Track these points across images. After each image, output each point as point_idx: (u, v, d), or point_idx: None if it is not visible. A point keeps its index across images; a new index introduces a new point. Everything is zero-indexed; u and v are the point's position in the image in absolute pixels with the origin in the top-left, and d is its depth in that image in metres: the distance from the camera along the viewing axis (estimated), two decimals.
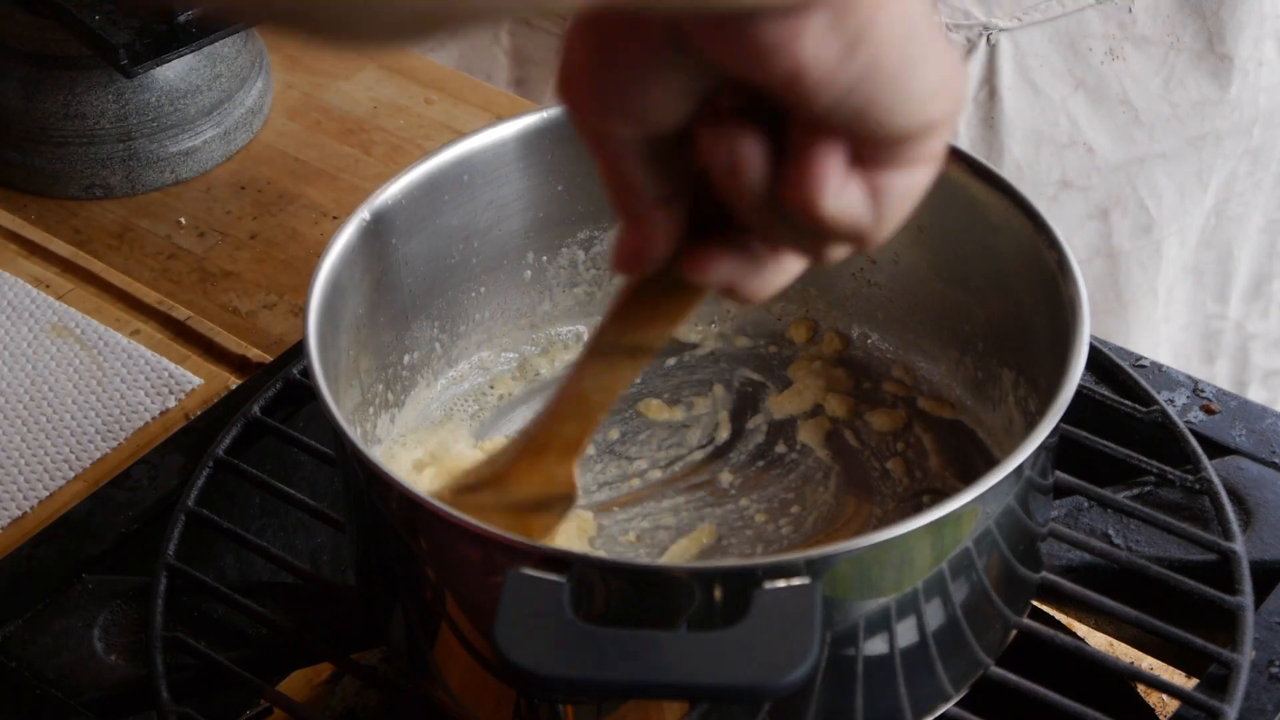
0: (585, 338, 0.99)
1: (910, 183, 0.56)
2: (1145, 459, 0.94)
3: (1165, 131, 1.38)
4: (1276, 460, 0.96)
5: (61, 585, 0.90)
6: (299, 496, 0.92)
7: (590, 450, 0.96)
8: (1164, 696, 0.87)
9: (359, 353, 0.89)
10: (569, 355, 0.99)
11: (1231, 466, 0.96)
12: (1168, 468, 0.94)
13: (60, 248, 1.15)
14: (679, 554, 0.90)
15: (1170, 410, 0.97)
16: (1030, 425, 0.77)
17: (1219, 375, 1.53)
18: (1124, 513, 0.92)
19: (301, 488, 0.94)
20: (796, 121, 0.53)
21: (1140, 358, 1.02)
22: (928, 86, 0.53)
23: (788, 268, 0.59)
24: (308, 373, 0.80)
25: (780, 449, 0.96)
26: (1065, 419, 0.78)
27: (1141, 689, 0.91)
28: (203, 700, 0.86)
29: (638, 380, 0.97)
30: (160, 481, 0.96)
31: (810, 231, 0.56)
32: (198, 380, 1.05)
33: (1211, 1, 1.37)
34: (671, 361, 1.01)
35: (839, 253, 0.58)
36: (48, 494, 0.99)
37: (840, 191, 0.54)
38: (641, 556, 0.90)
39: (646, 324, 0.66)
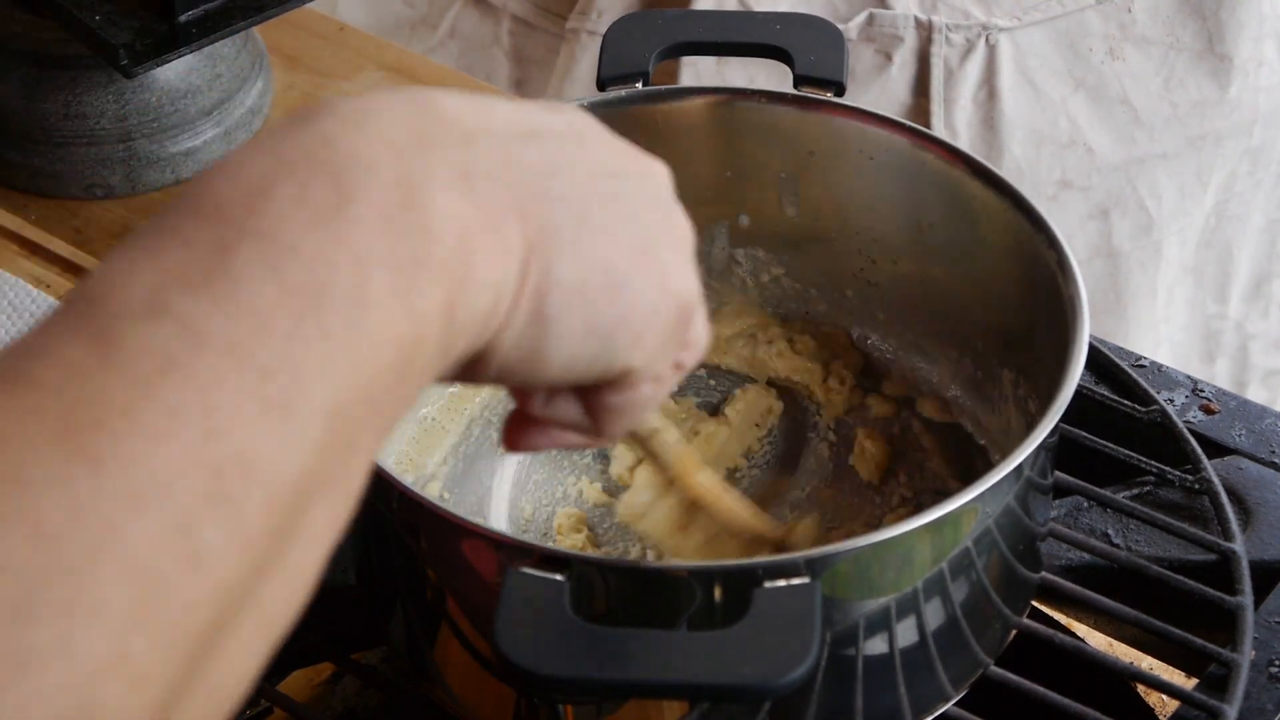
0: None
1: (622, 400, 0.60)
2: (1145, 459, 0.94)
3: (1165, 131, 1.38)
4: (1276, 460, 0.96)
5: None
6: None
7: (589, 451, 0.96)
8: (1164, 696, 0.87)
9: None
10: None
11: (1231, 466, 0.96)
12: (1167, 468, 0.94)
13: (60, 248, 1.15)
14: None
15: (1170, 410, 0.97)
16: (1030, 425, 0.77)
17: (1219, 375, 1.53)
18: (1124, 513, 0.92)
19: None
20: None
21: (1140, 358, 1.02)
22: (614, 350, 0.56)
23: (572, 438, 0.63)
24: None
25: (780, 449, 0.96)
26: (1065, 419, 0.78)
27: (1141, 689, 0.91)
28: None
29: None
30: None
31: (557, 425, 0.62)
32: None
33: (1211, 1, 1.37)
34: None
35: (579, 438, 0.63)
36: None
37: (544, 404, 0.60)
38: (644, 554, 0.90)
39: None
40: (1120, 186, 1.39)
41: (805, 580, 0.68)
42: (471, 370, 0.54)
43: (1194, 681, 0.87)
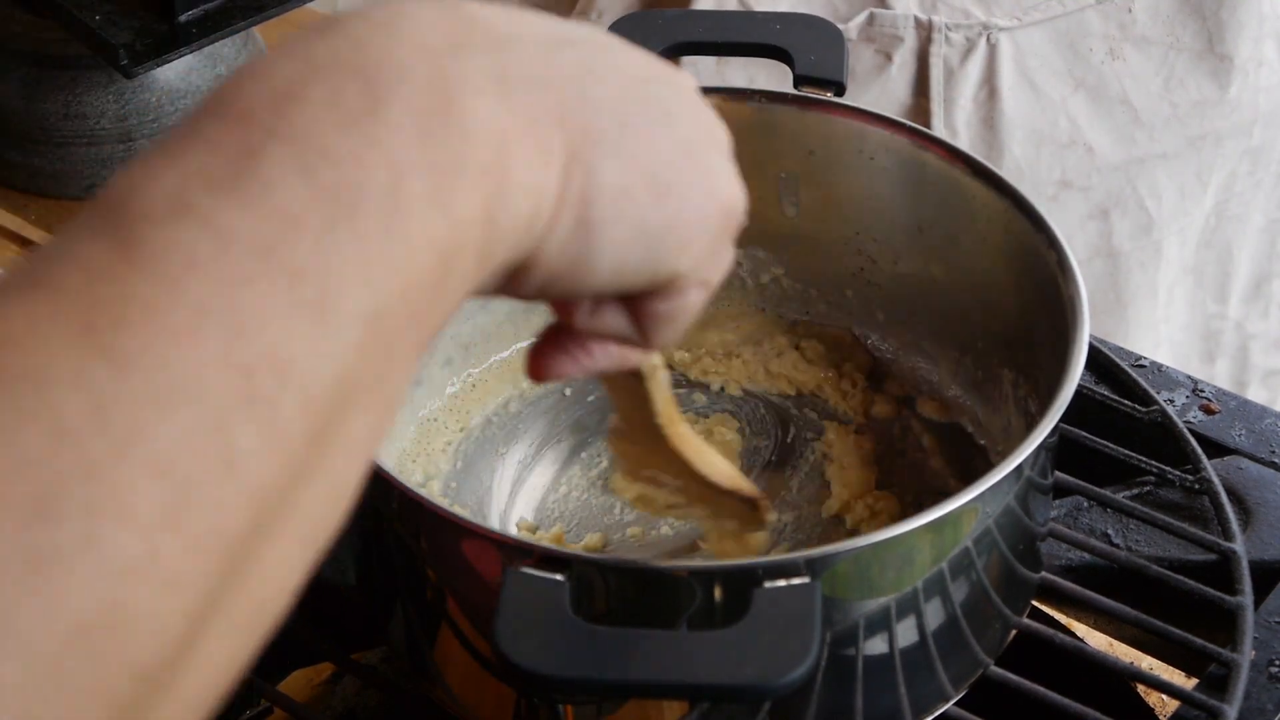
0: None
1: (670, 307, 0.59)
2: (1145, 459, 0.94)
3: (1165, 131, 1.38)
4: (1276, 460, 0.96)
5: None
6: None
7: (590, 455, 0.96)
8: (1164, 696, 0.87)
9: None
10: None
11: (1231, 466, 0.96)
12: (1167, 468, 0.94)
13: None
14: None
15: (1170, 410, 0.97)
16: (1030, 426, 0.77)
17: (1219, 375, 1.53)
18: (1124, 512, 0.92)
19: None
20: None
21: (1140, 358, 1.02)
22: (662, 255, 0.55)
23: (621, 353, 0.62)
24: None
25: (780, 449, 0.96)
26: (1065, 419, 0.78)
27: (1141, 689, 0.91)
28: None
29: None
30: None
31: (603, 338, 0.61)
32: None
33: (1211, 1, 1.37)
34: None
35: (617, 354, 0.62)
36: None
37: (592, 314, 0.59)
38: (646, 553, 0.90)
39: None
40: (1120, 186, 1.39)
41: (805, 580, 0.68)
42: (516, 280, 0.52)
43: (1194, 681, 0.87)
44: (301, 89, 0.46)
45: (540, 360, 0.61)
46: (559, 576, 0.68)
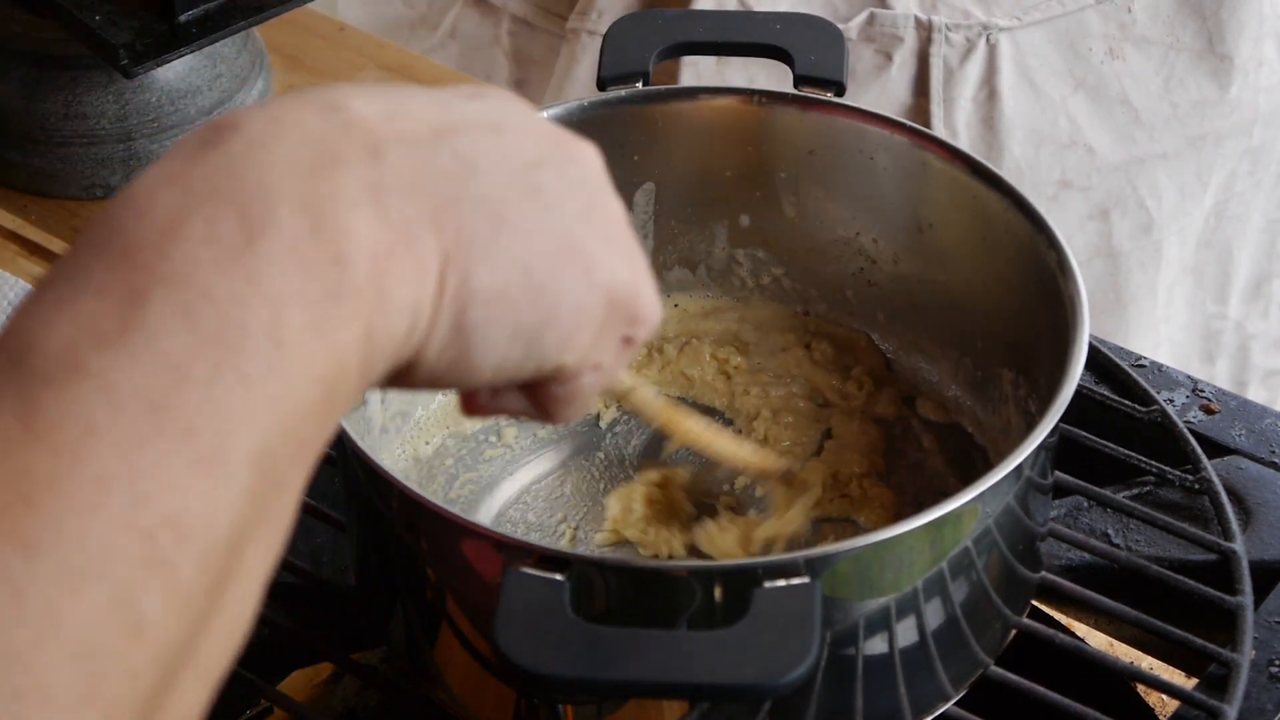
0: None
1: (567, 390, 0.59)
2: (1145, 459, 0.94)
3: (1165, 131, 1.38)
4: (1276, 460, 0.96)
5: None
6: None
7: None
8: (1164, 696, 0.87)
9: None
10: None
11: (1231, 466, 0.96)
12: (1167, 468, 0.94)
13: (60, 248, 1.15)
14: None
15: (1170, 410, 0.97)
16: (1030, 426, 0.77)
17: (1219, 375, 1.53)
18: (1124, 512, 0.92)
19: None
20: None
21: (1140, 358, 1.02)
22: (543, 351, 0.56)
23: (551, 408, 0.62)
24: None
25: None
26: (1065, 419, 0.78)
27: (1141, 689, 0.90)
28: None
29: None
30: None
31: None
32: None
33: (1211, 1, 1.37)
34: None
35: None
36: None
37: (490, 398, 0.60)
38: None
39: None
40: (1120, 186, 1.39)
41: (805, 580, 0.68)
42: (400, 380, 0.53)
43: (1194, 681, 0.87)
44: (179, 223, 0.46)
45: (467, 400, 0.62)
46: (559, 576, 0.69)
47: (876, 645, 0.76)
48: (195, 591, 0.43)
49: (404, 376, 0.53)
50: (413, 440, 0.95)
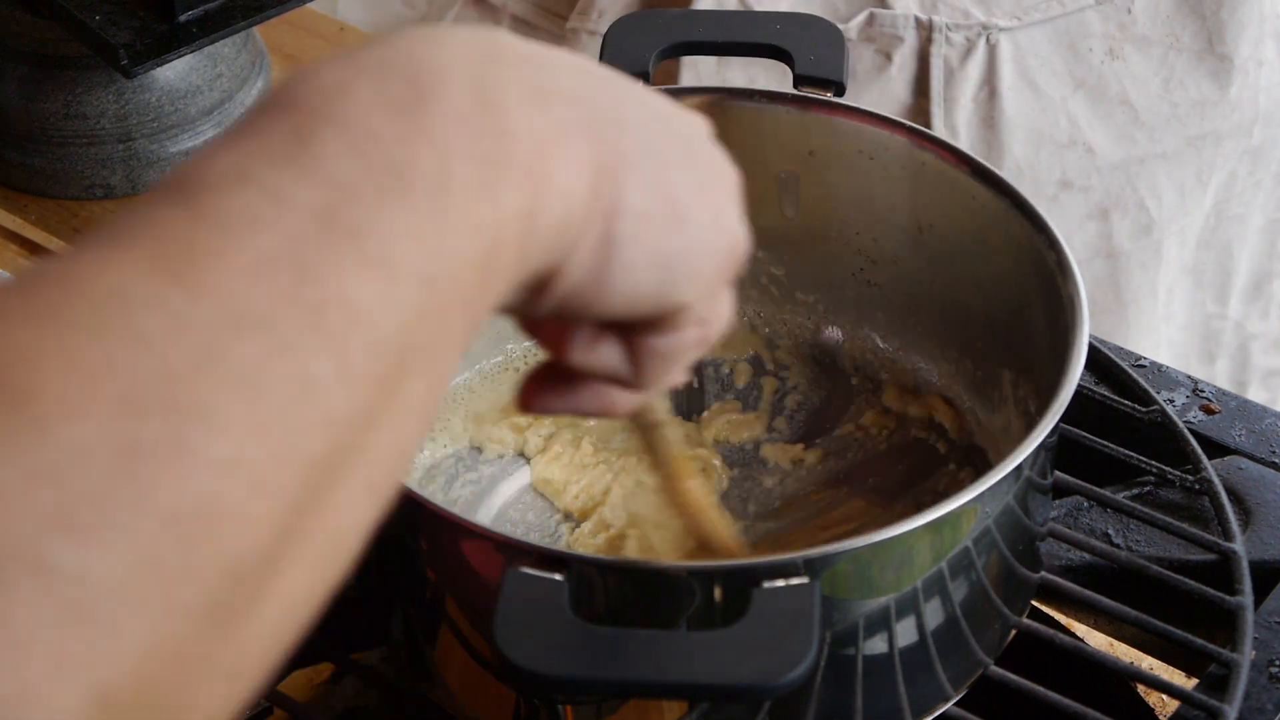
0: None
1: (667, 343, 0.60)
2: (1145, 459, 0.94)
3: (1165, 131, 1.38)
4: (1276, 460, 0.96)
5: None
6: None
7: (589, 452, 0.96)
8: (1164, 696, 0.87)
9: None
10: None
11: (1231, 466, 0.96)
12: (1167, 468, 0.94)
13: (60, 248, 1.15)
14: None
15: (1170, 410, 0.97)
16: (1030, 426, 0.77)
17: (1219, 375, 1.53)
18: (1124, 513, 0.92)
19: None
20: None
21: (1140, 358, 1.02)
22: (672, 283, 0.56)
23: (610, 396, 0.63)
24: None
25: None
26: (1065, 419, 0.78)
27: (1141, 689, 0.91)
28: None
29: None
30: None
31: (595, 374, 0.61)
32: None
33: (1211, 1, 1.37)
34: None
35: (626, 392, 0.62)
36: None
37: (588, 347, 0.60)
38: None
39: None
40: (1120, 186, 1.39)
41: (804, 580, 0.68)
42: (540, 293, 0.53)
43: (1194, 681, 0.87)
44: (350, 85, 0.47)
45: (530, 392, 0.62)
46: (558, 576, 0.69)
47: (876, 645, 0.76)
48: (363, 378, 0.43)
49: (545, 288, 0.53)
50: None
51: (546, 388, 0.62)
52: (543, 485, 0.94)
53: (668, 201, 0.55)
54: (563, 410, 0.62)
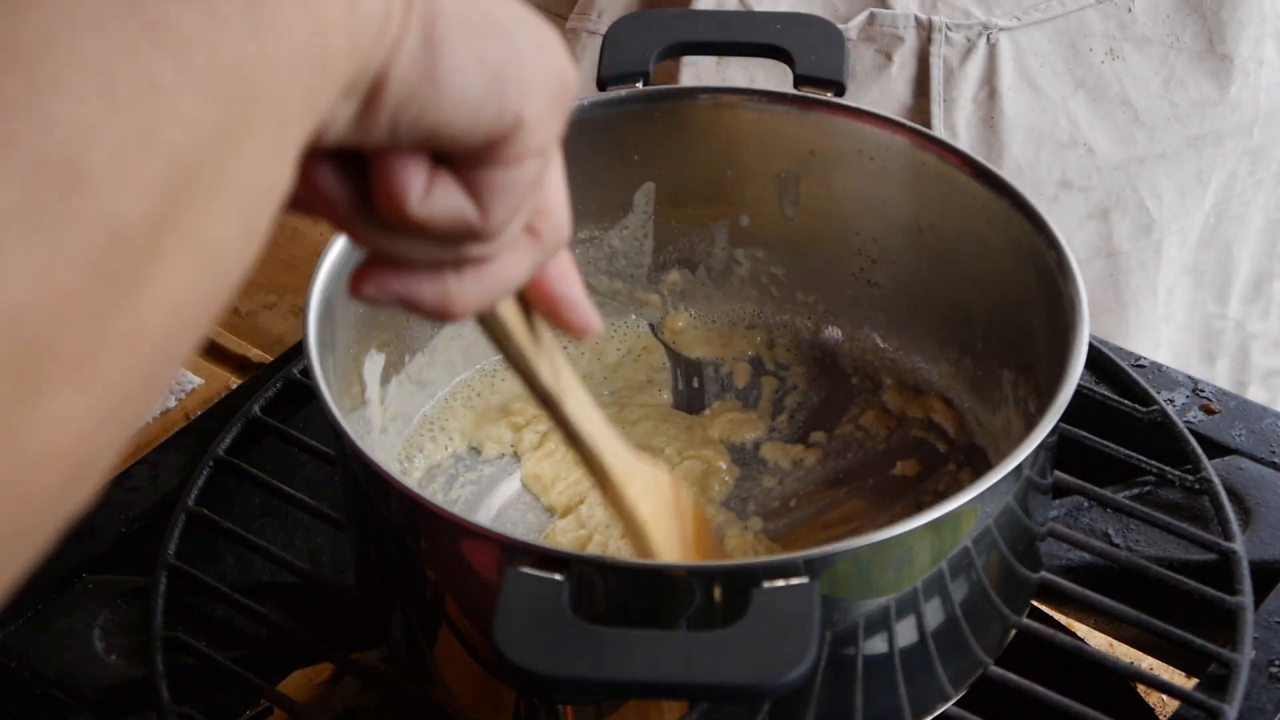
0: None
1: (511, 176, 0.58)
2: (1145, 459, 0.94)
3: (1165, 131, 1.38)
4: (1276, 460, 0.96)
5: (62, 585, 0.90)
6: (299, 496, 0.92)
7: None
8: (1164, 696, 0.87)
9: (359, 352, 0.89)
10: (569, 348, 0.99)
11: (1231, 466, 0.96)
12: (1167, 468, 0.94)
13: None
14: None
15: (1170, 410, 0.97)
16: (1030, 426, 0.77)
17: (1219, 375, 1.53)
18: (1124, 512, 0.92)
19: (301, 487, 0.94)
20: (374, 149, 0.57)
21: (1140, 358, 1.02)
22: (504, 91, 0.56)
23: (451, 286, 0.61)
24: (308, 373, 0.80)
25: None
26: (1065, 419, 0.78)
27: (1141, 689, 0.91)
28: (203, 700, 0.86)
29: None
30: (160, 481, 0.96)
31: (426, 237, 0.59)
32: (198, 380, 1.05)
33: (1211, 1, 1.37)
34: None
35: (475, 251, 0.60)
36: None
37: (426, 195, 0.57)
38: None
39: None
40: (1120, 186, 1.39)
41: (804, 580, 0.68)
42: (371, 106, 0.53)
43: (1194, 681, 0.87)
44: None
45: (365, 275, 0.60)
46: (558, 576, 0.68)
47: (876, 645, 0.76)
48: (209, 94, 0.44)
49: (374, 102, 0.53)
50: (413, 441, 0.95)
51: (384, 269, 0.59)
52: (532, 481, 0.94)
53: (485, 15, 0.55)
54: (400, 294, 0.59)
